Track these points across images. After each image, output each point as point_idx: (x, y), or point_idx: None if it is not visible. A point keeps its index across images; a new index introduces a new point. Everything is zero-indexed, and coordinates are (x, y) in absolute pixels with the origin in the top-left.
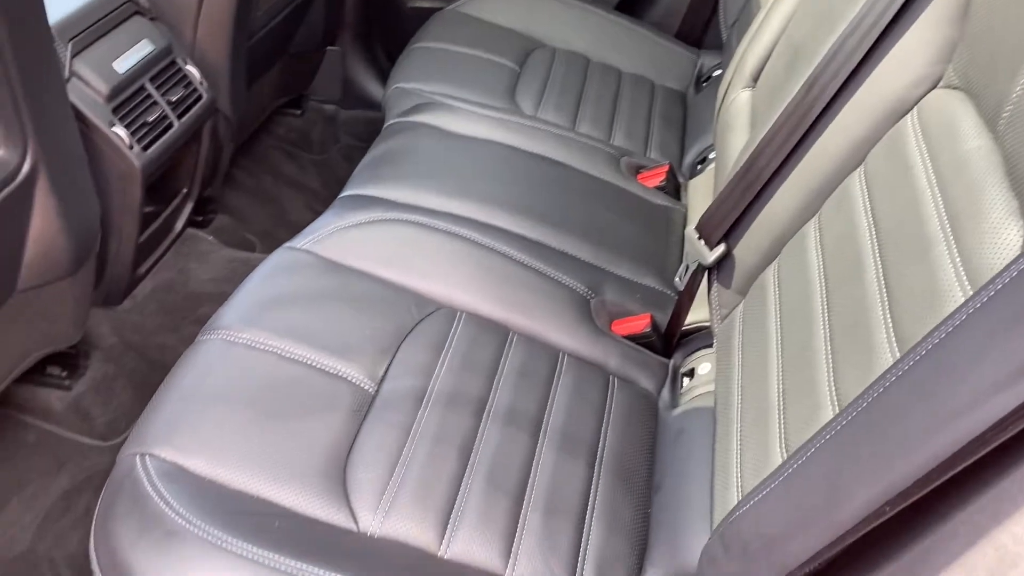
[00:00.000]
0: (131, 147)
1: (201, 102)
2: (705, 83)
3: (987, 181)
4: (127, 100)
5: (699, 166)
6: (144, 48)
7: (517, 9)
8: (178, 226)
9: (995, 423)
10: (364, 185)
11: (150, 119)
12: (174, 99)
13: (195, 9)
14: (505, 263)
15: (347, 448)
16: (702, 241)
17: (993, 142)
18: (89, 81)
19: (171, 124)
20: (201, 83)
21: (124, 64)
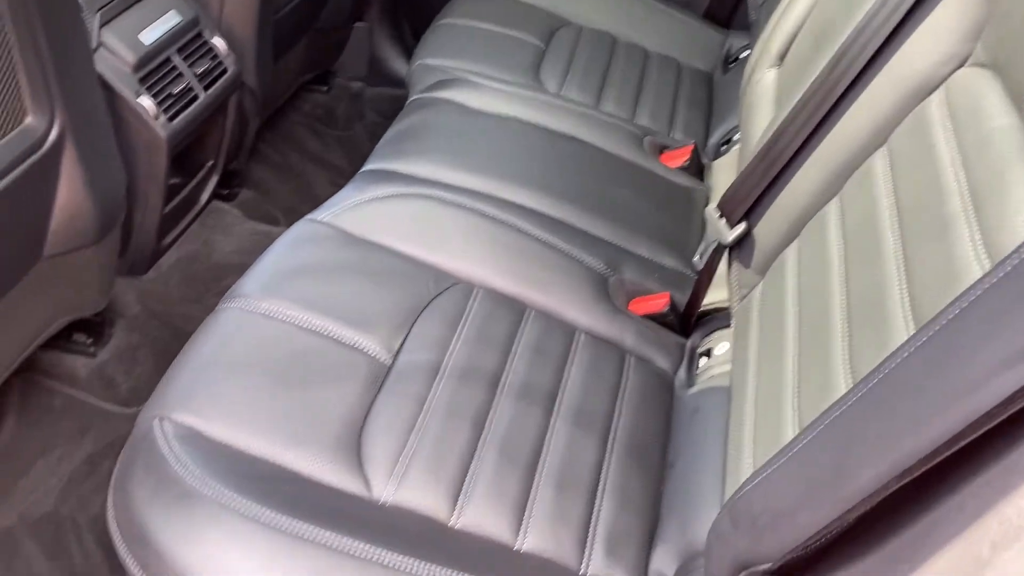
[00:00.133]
0: (157, 117)
1: (227, 75)
2: (732, 64)
3: (1012, 159)
4: (153, 71)
5: (724, 147)
6: (171, 20)
7: None
8: (203, 198)
9: (1004, 399)
10: (385, 160)
11: (176, 90)
12: (200, 71)
13: None
14: (524, 239)
15: (362, 417)
16: (723, 220)
17: (1020, 120)
18: (116, 51)
19: (197, 96)
20: (227, 56)
21: (151, 35)
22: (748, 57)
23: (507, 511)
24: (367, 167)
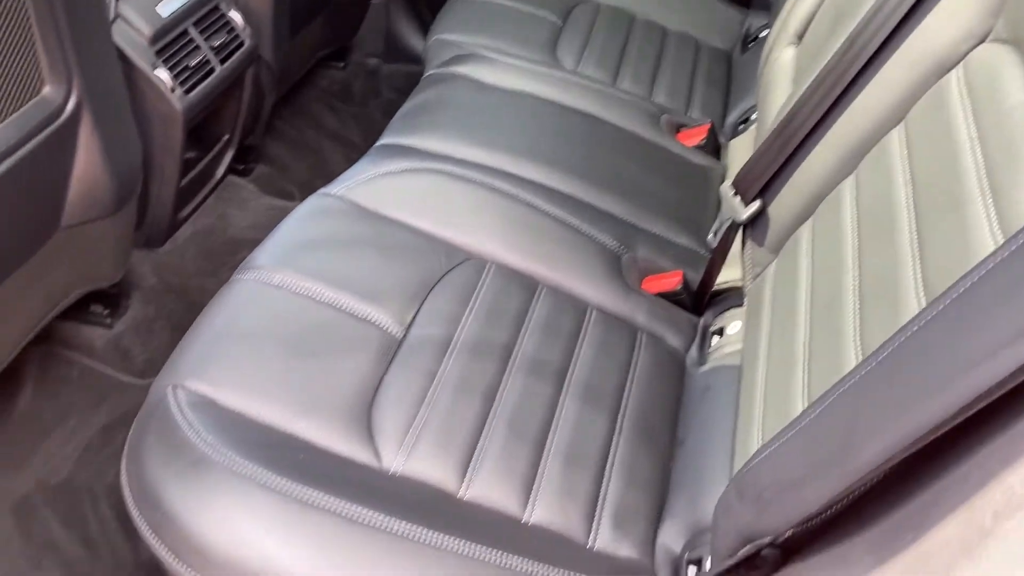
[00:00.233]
0: (173, 90)
1: (243, 48)
2: (752, 43)
3: None
4: (170, 44)
5: (741, 127)
6: None
7: None
8: (219, 172)
9: (1015, 370)
10: (400, 134)
11: (192, 63)
12: (216, 44)
13: None
14: (537, 216)
15: (373, 389)
16: (737, 197)
17: None
18: (133, 23)
19: (213, 69)
20: (244, 29)
21: (168, 8)
22: (767, 36)
23: (515, 484)
24: (381, 141)
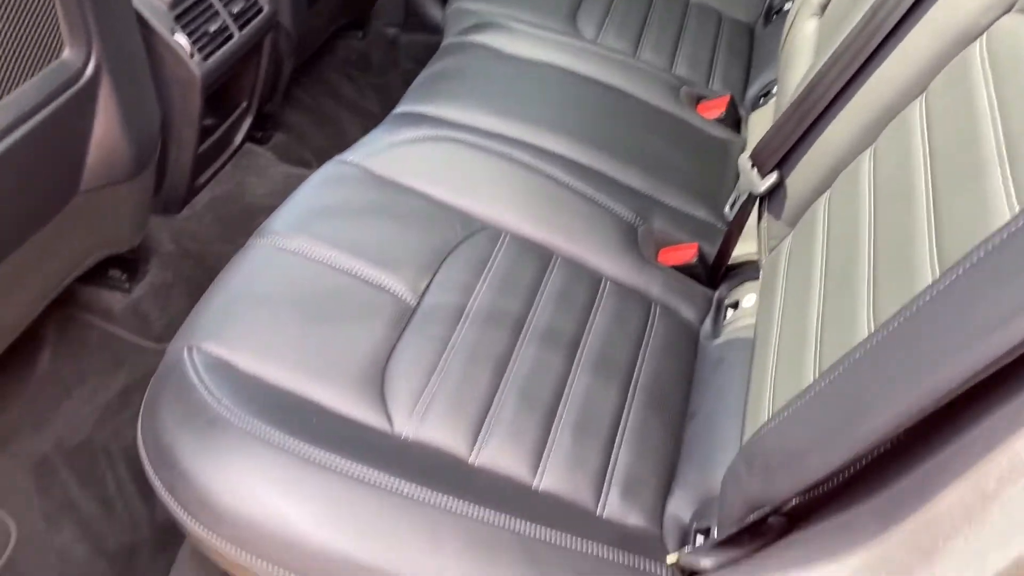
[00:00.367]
0: (192, 55)
1: (262, 15)
2: (775, 16)
3: None
4: (189, 9)
5: (762, 100)
6: None
7: None
8: (237, 140)
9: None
10: (417, 102)
11: (211, 29)
12: (235, 10)
13: None
14: (553, 186)
15: (386, 355)
16: (755, 169)
17: None
18: None
19: (232, 35)
20: None
21: None
22: (790, 8)
23: (525, 452)
24: (398, 109)
